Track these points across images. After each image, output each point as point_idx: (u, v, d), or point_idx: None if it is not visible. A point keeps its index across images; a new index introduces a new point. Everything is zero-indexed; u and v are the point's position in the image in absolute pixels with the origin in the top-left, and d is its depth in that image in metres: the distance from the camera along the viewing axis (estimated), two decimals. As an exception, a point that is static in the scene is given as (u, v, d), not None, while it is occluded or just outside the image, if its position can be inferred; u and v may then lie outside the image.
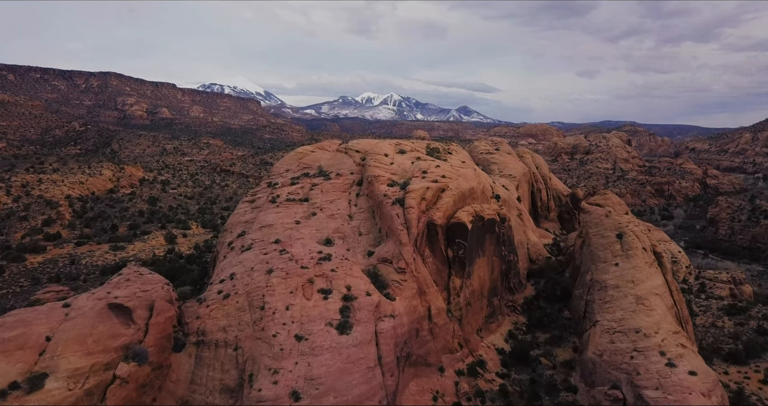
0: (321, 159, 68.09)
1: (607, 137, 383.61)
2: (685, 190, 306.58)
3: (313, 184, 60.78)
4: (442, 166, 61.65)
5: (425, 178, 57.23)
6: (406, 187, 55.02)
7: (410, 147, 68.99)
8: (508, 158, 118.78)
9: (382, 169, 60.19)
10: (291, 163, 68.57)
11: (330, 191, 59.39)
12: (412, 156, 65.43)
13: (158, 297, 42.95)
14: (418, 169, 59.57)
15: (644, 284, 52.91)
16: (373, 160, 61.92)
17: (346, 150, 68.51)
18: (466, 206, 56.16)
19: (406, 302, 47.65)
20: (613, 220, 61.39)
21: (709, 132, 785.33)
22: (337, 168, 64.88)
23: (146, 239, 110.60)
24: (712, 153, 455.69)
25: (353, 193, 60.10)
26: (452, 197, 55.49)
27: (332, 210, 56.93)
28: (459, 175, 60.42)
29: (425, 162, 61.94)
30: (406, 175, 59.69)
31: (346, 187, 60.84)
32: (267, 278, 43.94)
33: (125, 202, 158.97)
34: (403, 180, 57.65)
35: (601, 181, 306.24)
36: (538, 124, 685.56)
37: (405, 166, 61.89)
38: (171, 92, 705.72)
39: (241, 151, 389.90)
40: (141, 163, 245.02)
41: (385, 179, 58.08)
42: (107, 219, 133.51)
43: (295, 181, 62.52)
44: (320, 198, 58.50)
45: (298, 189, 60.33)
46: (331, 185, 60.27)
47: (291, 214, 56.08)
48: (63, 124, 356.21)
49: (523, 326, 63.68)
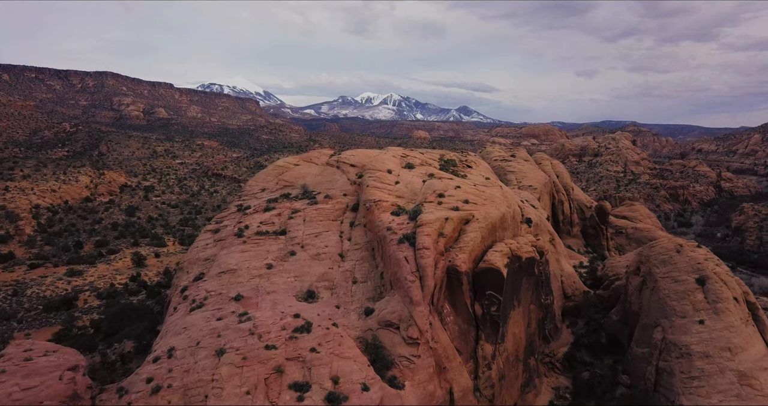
0: (306, 175, 53.54)
1: (617, 138, 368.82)
2: (699, 195, 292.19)
3: (294, 211, 46.20)
4: (464, 185, 47.02)
5: (442, 205, 42.65)
6: (418, 218, 40.42)
7: (420, 159, 54.37)
8: (526, 166, 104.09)
9: (384, 190, 45.64)
10: (268, 180, 54.06)
11: (315, 220, 44.85)
12: (423, 172, 50.82)
13: (51, 396, 28.51)
14: (432, 192, 44.96)
15: (745, 354, 38.42)
16: (373, 177, 47.36)
17: (338, 163, 53.95)
18: (498, 244, 41.61)
19: (420, 389, 33.15)
20: (688, 257, 46.64)
21: (710, 132, 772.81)
22: (327, 187, 50.36)
23: (112, 260, 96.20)
24: (719, 154, 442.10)
25: (346, 223, 45.58)
26: (480, 232, 40.93)
27: (317, 247, 42.39)
28: (485, 198, 45.82)
29: (441, 181, 47.29)
30: (416, 198, 45.15)
31: (337, 214, 46.31)
32: (215, 365, 29.42)
33: (100, 212, 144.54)
34: (413, 206, 43.07)
35: (612, 185, 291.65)
36: (541, 124, 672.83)
37: (414, 185, 47.34)
38: (168, 92, 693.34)
39: (237, 152, 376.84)
40: (126, 167, 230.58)
41: (389, 205, 43.55)
42: (75, 233, 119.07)
43: (271, 205, 47.90)
44: (302, 230, 43.97)
45: (273, 217, 45.78)
46: (317, 212, 45.71)
47: (262, 253, 41.55)
48: (53, 124, 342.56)
49: (567, 393, 49.09)
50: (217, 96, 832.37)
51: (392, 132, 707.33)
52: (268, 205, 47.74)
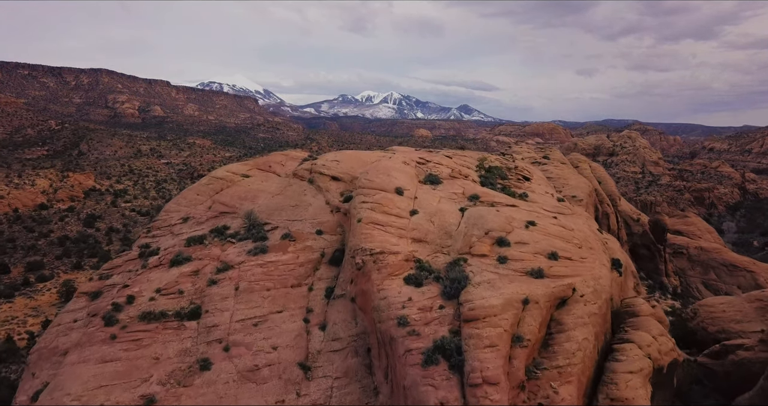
0: (259, 193, 31.90)
1: (633, 137, 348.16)
2: (725, 198, 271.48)
3: (222, 267, 24.67)
4: (539, 218, 25.31)
5: (509, 263, 21.10)
6: (464, 298, 19.06)
7: (448, 167, 32.54)
8: (566, 171, 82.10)
9: (390, 229, 24.06)
10: (198, 201, 32.47)
11: (259, 289, 23.31)
12: (457, 190, 29.12)
13: None
14: (484, 233, 23.31)
15: None
16: (370, 203, 25.70)
17: (311, 174, 32.28)
18: (628, 349, 20.09)
19: None
20: None
21: (713, 131, 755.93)
22: (289, 217, 28.84)
23: (38, 292, 74.98)
24: (733, 153, 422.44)
25: (318, 292, 24.02)
26: (592, 325, 19.44)
27: (257, 350, 20.94)
28: (581, 243, 24.23)
29: (495, 210, 25.52)
30: (450, 245, 23.63)
31: (301, 273, 24.74)
32: None
33: (54, 222, 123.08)
34: (448, 263, 21.69)
35: (631, 187, 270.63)
36: (545, 122, 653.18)
37: (446, 218, 25.69)
38: (165, 90, 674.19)
39: (230, 152, 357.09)
40: (102, 168, 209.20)
41: (400, 261, 22.04)
42: (10, 251, 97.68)
43: (185, 254, 26.28)
44: (231, 310, 22.45)
45: (183, 279, 24.24)
46: (263, 271, 24.10)
47: (141, 366, 20.13)
48: (38, 122, 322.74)
49: None
50: (216, 94, 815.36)
51: (393, 131, 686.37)
52: (181, 253, 26.15)
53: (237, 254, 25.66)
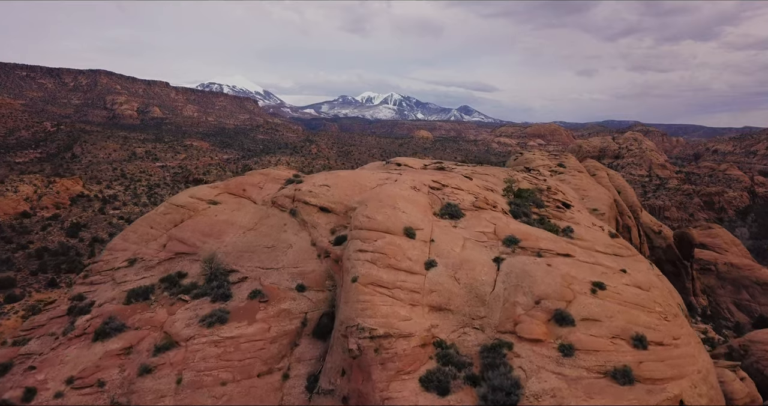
0: (227, 227, 24.78)
1: (639, 139, 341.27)
2: (735, 202, 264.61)
3: (164, 344, 17.57)
4: (608, 275, 18.17)
5: (576, 358, 14.01)
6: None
7: (470, 193, 25.23)
8: (585, 181, 74.89)
9: (399, 297, 16.91)
10: (150, 233, 25.36)
11: (210, 382, 16.17)
12: (484, 229, 21.90)
13: None
14: (533, 299, 16.28)
15: None
16: (370, 252, 18.57)
17: (294, 203, 25.08)
18: None
19: None
20: None
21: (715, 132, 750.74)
22: (262, 263, 21.72)
23: (4, 315, 67.95)
24: (738, 155, 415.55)
25: (297, 383, 16.93)
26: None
27: None
28: (665, 311, 17.10)
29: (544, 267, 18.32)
30: (479, 313, 16.54)
31: (271, 354, 17.53)
32: None
33: (35, 232, 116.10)
34: (482, 341, 14.57)
35: (638, 191, 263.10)
36: (546, 123, 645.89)
37: (474, 273, 18.53)
38: (164, 91, 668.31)
39: (228, 154, 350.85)
40: (92, 172, 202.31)
41: (414, 350, 14.91)
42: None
43: (116, 322, 19.14)
44: (167, 419, 15.35)
45: (109, 362, 17.10)
46: (218, 354, 16.96)
47: None
48: (33, 124, 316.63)
49: None
50: (215, 95, 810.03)
51: (393, 132, 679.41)
52: (112, 318, 19.02)
53: (187, 322, 18.50)
